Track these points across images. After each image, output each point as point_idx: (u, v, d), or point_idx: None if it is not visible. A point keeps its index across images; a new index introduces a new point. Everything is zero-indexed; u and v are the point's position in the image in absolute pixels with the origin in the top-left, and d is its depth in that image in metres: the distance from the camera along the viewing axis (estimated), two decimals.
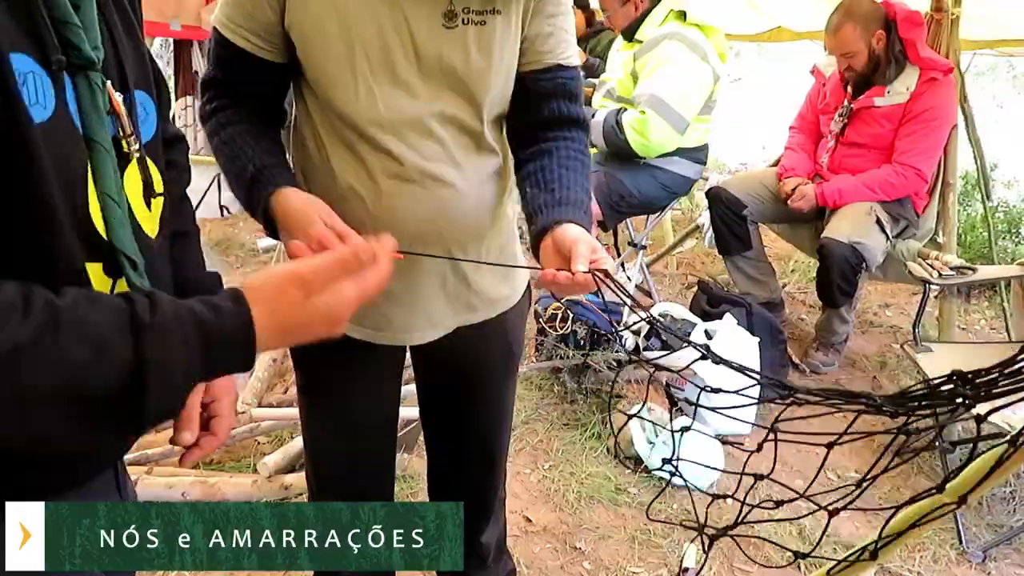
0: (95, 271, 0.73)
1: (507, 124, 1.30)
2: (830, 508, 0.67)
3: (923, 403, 0.58)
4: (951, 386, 0.56)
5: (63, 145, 0.69)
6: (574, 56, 1.27)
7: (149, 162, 0.83)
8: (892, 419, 0.59)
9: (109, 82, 0.75)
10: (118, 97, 0.76)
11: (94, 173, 0.72)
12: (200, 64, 4.98)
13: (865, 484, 0.62)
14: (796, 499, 0.72)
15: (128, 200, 0.78)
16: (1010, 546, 2.29)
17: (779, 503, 0.73)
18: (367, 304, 0.81)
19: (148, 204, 0.82)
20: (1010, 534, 2.29)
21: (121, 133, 0.76)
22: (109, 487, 0.90)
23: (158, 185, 0.84)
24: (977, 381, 0.55)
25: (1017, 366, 0.54)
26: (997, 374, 0.55)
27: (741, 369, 0.72)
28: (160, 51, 6.80)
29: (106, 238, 0.74)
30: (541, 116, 1.27)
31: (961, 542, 2.25)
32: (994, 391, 0.55)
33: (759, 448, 0.73)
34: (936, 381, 0.58)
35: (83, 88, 0.71)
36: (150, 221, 0.83)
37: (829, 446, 0.62)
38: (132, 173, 0.79)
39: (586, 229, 1.12)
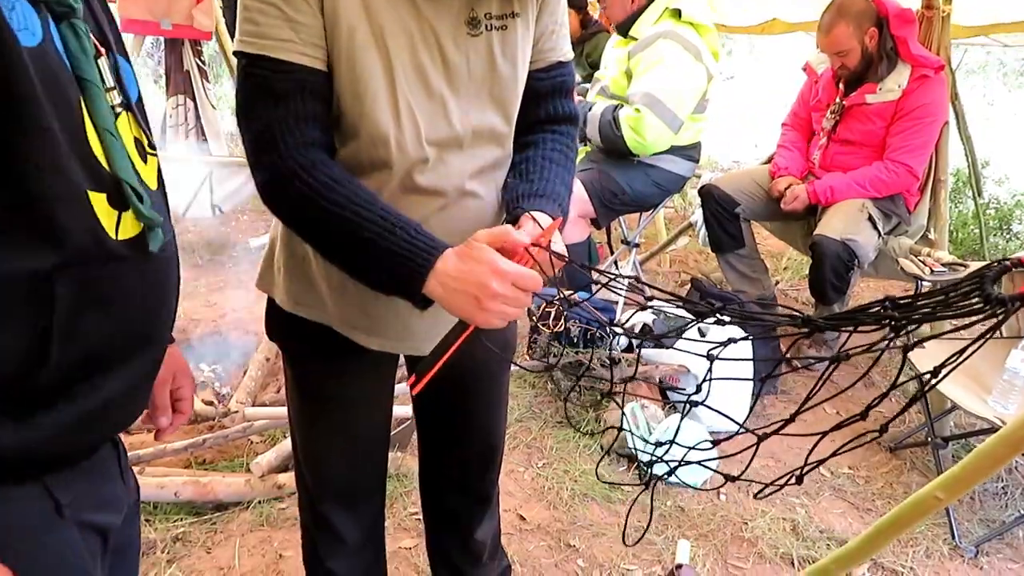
0: (99, 201, 0.76)
1: None
2: (759, 433, 0.71)
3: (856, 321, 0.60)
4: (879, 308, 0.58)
5: (54, 75, 0.71)
6: (569, 49, 1.27)
7: (140, 121, 0.87)
8: (820, 333, 0.64)
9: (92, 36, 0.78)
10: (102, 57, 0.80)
11: (89, 109, 0.75)
12: (191, 63, 4.94)
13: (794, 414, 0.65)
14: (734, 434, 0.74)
15: (126, 147, 0.82)
16: (1002, 541, 2.30)
17: (716, 442, 0.76)
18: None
19: (144, 158, 0.87)
20: (1002, 529, 2.30)
21: (104, 85, 0.79)
22: (111, 464, 0.94)
23: (152, 142, 0.89)
24: (902, 303, 0.57)
25: (939, 297, 0.57)
26: (924, 301, 0.57)
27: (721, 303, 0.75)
28: (151, 50, 6.77)
29: (109, 169, 0.77)
30: (538, 115, 1.27)
31: (954, 537, 2.26)
32: (916, 316, 0.57)
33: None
34: (866, 303, 0.61)
35: (68, 33, 0.74)
36: (147, 173, 0.87)
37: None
38: (124, 125, 0.83)
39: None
